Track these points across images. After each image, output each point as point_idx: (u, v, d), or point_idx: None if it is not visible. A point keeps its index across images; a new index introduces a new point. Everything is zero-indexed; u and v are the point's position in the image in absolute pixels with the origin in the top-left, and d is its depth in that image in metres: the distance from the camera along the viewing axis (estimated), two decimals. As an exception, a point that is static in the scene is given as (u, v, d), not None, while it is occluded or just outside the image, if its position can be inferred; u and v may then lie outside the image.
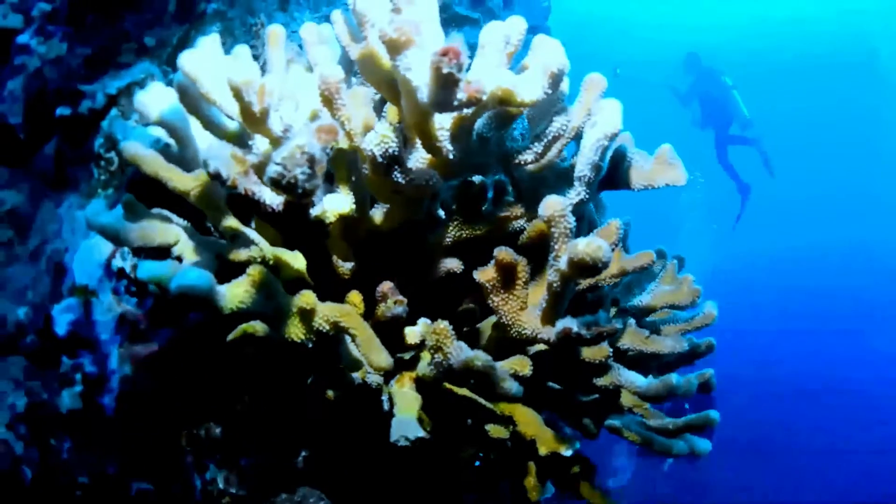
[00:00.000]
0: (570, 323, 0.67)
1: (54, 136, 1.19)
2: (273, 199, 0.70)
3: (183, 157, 0.81)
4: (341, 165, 0.75)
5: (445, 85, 0.57)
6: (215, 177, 0.62)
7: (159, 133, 0.87)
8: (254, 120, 0.66)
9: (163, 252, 0.79)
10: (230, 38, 1.32)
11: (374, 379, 0.82)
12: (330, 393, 0.81)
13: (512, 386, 0.63)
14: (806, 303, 11.38)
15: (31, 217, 1.22)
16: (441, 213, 0.84)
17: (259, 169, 0.67)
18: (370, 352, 0.69)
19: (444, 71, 0.56)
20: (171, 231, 0.77)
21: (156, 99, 0.78)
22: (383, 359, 0.69)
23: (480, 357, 0.63)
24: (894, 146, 17.60)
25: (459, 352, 0.67)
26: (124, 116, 1.05)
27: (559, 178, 0.81)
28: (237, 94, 0.63)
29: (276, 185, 0.58)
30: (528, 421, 0.85)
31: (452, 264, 0.83)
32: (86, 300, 0.94)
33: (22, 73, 1.21)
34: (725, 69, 6.93)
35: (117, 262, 0.96)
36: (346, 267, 0.82)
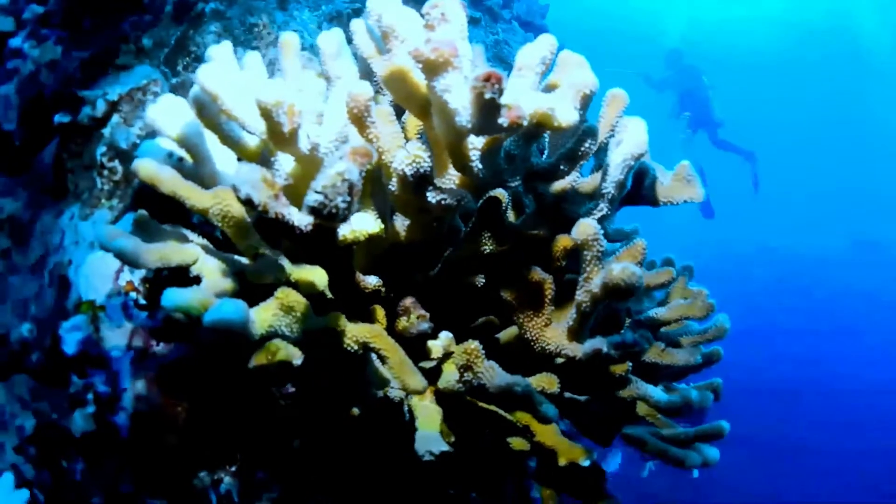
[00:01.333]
0: (599, 344, 0.67)
1: (52, 142, 1.15)
2: (302, 221, 0.68)
3: (198, 172, 0.78)
4: (367, 182, 0.74)
5: (488, 111, 0.56)
6: (247, 202, 0.61)
7: (170, 145, 0.84)
8: (282, 140, 0.65)
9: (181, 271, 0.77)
10: (229, 37, 1.28)
11: (397, 394, 0.82)
12: (355, 410, 0.80)
13: (549, 409, 0.64)
14: (795, 298, 11.64)
15: (29, 225, 1.19)
16: (461, 225, 0.83)
17: (288, 191, 0.66)
18: (403, 374, 0.69)
19: (487, 97, 0.56)
20: (188, 251, 0.76)
21: (168, 112, 0.76)
22: (417, 381, 0.68)
23: (521, 383, 0.63)
24: (880, 140, 17.92)
25: (492, 372, 0.67)
26: (126, 123, 1.02)
27: (581, 193, 0.81)
28: (266, 115, 0.62)
29: (316, 213, 0.57)
30: (547, 432, 0.86)
31: (474, 279, 0.82)
32: (94, 315, 0.92)
33: (15, 78, 1.17)
34: (705, 69, 7.06)
35: (125, 276, 0.93)
36: (368, 282, 0.82)
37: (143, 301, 0.94)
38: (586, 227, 0.67)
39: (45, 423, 0.91)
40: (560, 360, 0.83)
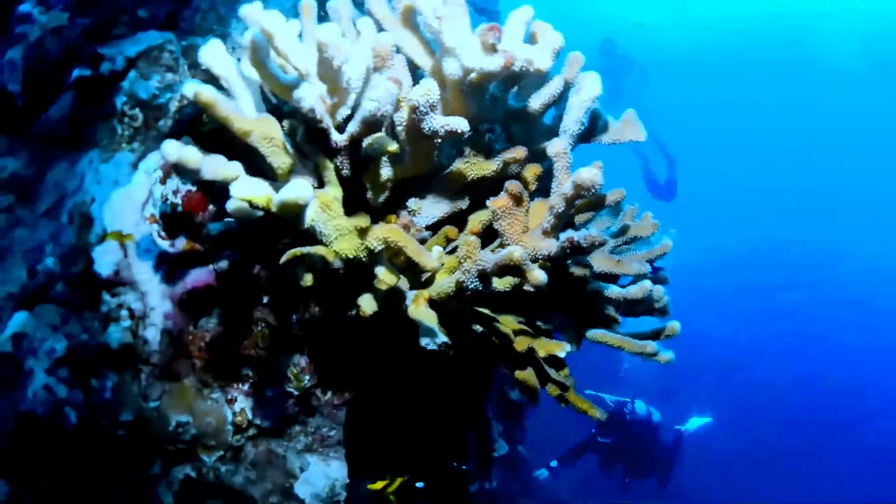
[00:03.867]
0: (572, 234, 0.88)
1: (62, 98, 1.24)
2: (338, 137, 0.85)
3: (237, 106, 0.93)
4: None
5: (489, 53, 0.77)
6: (309, 112, 0.77)
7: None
8: (329, 70, 0.82)
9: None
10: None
11: (403, 285, 0.98)
12: (365, 304, 0.95)
13: (540, 274, 0.83)
14: (768, 298, 12.63)
15: (35, 180, 1.26)
16: (452, 156, 1.02)
17: (332, 109, 0.83)
18: (420, 256, 0.86)
19: (490, 42, 0.76)
20: (233, 168, 0.90)
21: (216, 54, 0.91)
22: (433, 259, 0.86)
23: (517, 251, 0.82)
24: (835, 141, 18.99)
25: (489, 256, 0.86)
26: (144, 78, 1.14)
27: (547, 133, 1.03)
28: (322, 48, 0.79)
29: (369, 119, 0.74)
30: (526, 333, 1.05)
31: (461, 202, 1.02)
32: (122, 244, 1.02)
33: (22, 43, 1.25)
34: (640, 59, 7.48)
35: (149, 209, 1.04)
36: (378, 201, 0.99)
37: (164, 232, 1.05)
38: (558, 143, 0.88)
39: (77, 344, 0.99)
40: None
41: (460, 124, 0.89)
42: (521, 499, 3.94)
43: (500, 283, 0.92)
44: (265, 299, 1.09)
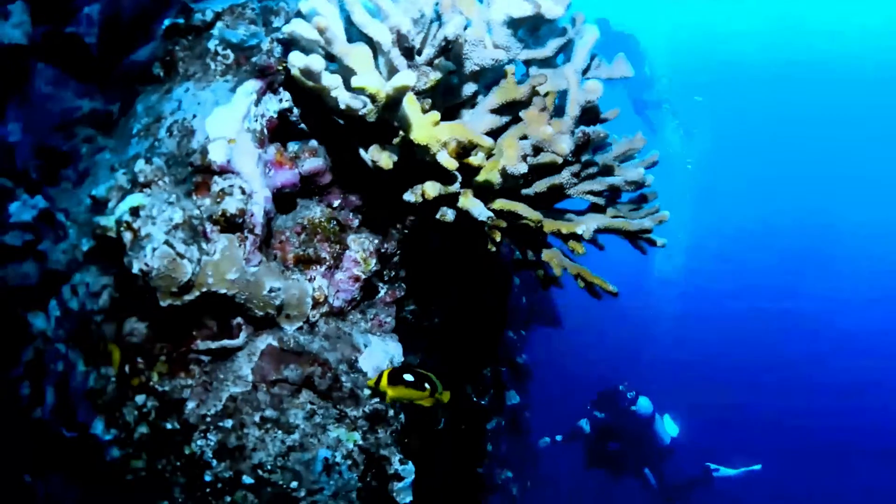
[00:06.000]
0: (585, 128, 1.21)
1: (144, 46, 1.48)
2: (419, 58, 1.16)
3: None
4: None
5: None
6: (404, 35, 1.08)
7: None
8: (412, 6, 1.13)
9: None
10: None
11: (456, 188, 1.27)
12: (428, 188, 1.23)
13: (566, 145, 1.15)
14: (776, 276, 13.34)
15: (114, 116, 1.47)
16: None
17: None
18: (480, 139, 1.17)
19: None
20: (363, 49, 1.17)
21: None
22: (490, 141, 1.17)
23: (549, 128, 1.14)
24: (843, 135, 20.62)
25: (525, 142, 1.18)
26: (231, 28, 1.40)
27: (557, 72, 1.37)
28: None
29: (441, 46, 1.06)
30: (549, 220, 1.36)
31: (497, 121, 1.33)
32: (229, 142, 1.26)
33: (98, 1, 1.49)
34: (635, 34, 7.88)
35: (248, 122, 1.29)
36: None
37: (257, 143, 1.30)
38: (570, 68, 1.23)
39: (192, 215, 1.20)
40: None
41: (501, 55, 1.22)
42: (527, 464, 4.12)
43: (536, 161, 1.23)
44: (337, 201, 1.35)
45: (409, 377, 1.20)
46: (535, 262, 1.44)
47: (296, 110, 1.35)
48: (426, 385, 1.22)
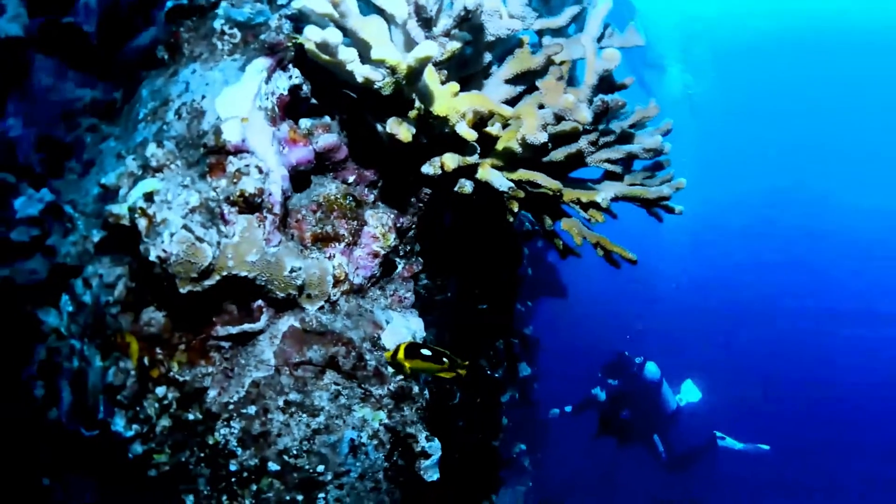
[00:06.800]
0: (604, 97, 1.21)
1: (146, 31, 1.45)
2: (437, 29, 1.15)
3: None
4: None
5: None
6: (422, 5, 1.06)
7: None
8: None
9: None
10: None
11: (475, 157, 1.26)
12: (448, 160, 1.22)
13: (587, 113, 1.14)
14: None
15: (116, 103, 1.44)
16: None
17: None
18: (500, 109, 1.16)
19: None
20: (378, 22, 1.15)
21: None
22: (510, 109, 1.16)
23: (570, 97, 1.13)
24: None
25: (546, 111, 1.17)
26: (236, 6, 1.37)
27: (571, 41, 1.37)
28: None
29: (459, 16, 1.05)
30: (568, 188, 1.36)
31: (512, 90, 1.33)
32: (242, 121, 1.23)
33: (97, -13, 1.46)
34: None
35: (259, 100, 1.27)
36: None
37: (269, 121, 1.28)
38: (587, 37, 1.22)
39: (208, 197, 1.17)
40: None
41: (517, 24, 1.21)
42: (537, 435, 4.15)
43: (556, 129, 1.22)
44: (352, 177, 1.33)
45: (426, 352, 1.19)
46: (552, 233, 1.43)
47: (305, 86, 1.32)
48: (444, 359, 1.21)
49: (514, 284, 1.82)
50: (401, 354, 1.18)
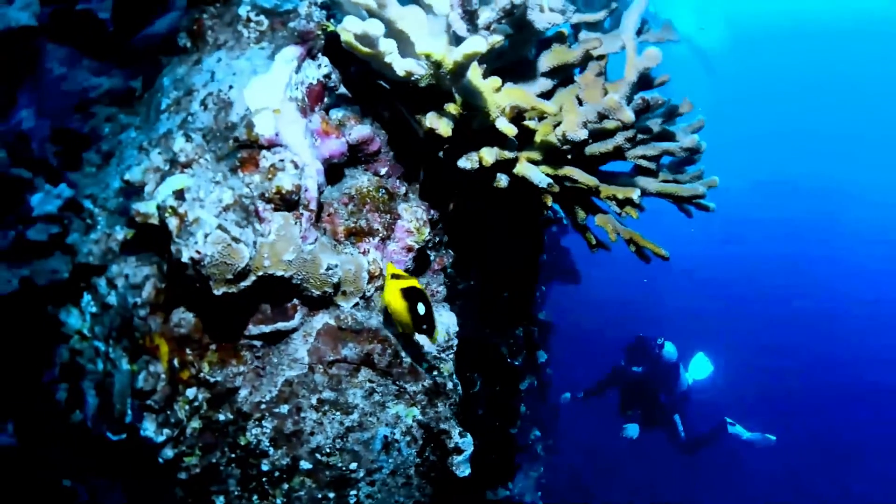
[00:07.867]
0: (645, 95, 1.19)
1: (165, 16, 1.38)
2: (481, 22, 1.11)
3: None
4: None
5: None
6: (466, 1, 1.03)
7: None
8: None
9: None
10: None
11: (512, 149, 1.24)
12: (486, 154, 1.19)
13: (630, 114, 1.13)
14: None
15: (144, 87, 1.38)
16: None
17: None
18: (542, 105, 1.14)
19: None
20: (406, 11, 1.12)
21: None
22: (553, 106, 1.14)
23: (615, 96, 1.12)
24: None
25: (588, 107, 1.16)
26: (261, -6, 1.32)
27: (608, 35, 1.34)
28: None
29: (505, 9, 1.02)
30: (605, 185, 1.34)
31: (548, 83, 1.30)
32: (274, 112, 1.19)
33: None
34: None
35: (289, 91, 1.22)
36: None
37: (300, 112, 1.24)
38: (627, 33, 1.20)
39: (242, 194, 1.13)
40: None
41: (558, 18, 1.18)
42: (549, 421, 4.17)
43: (597, 126, 1.21)
44: (384, 169, 1.30)
45: (421, 307, 1.13)
46: (584, 227, 1.42)
47: (334, 76, 1.28)
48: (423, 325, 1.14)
49: (535, 272, 1.81)
50: (395, 288, 1.12)
